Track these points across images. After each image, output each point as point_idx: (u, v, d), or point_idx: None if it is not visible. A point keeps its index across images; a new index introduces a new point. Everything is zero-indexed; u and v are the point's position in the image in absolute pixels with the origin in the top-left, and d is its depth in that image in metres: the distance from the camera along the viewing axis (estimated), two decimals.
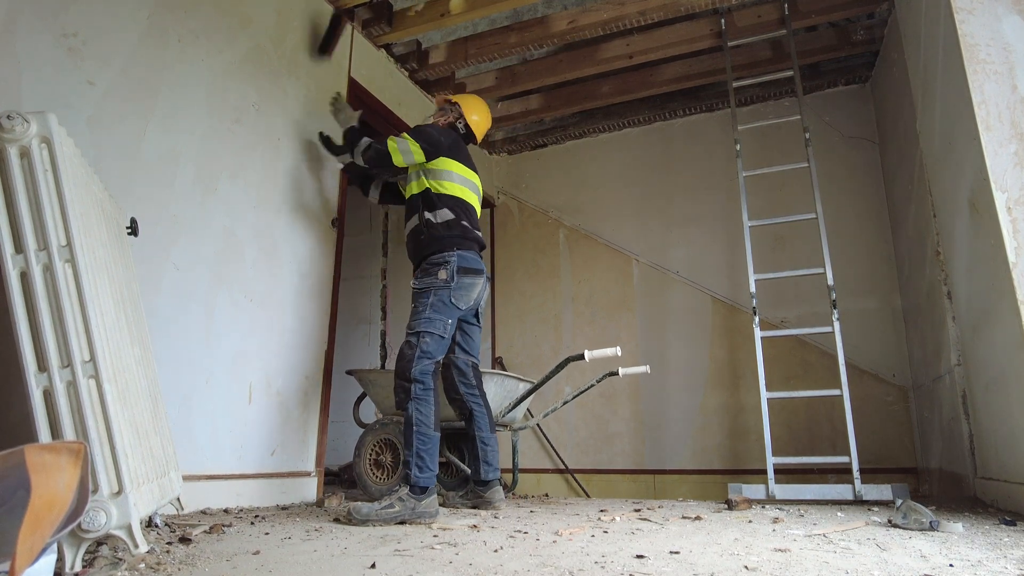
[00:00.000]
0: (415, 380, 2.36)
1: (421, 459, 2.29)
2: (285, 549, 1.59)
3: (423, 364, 2.38)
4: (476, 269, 2.59)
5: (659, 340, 4.46)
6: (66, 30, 2.12)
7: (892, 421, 3.79)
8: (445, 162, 2.65)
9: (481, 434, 2.70)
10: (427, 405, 2.35)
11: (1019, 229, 2.19)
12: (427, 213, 2.61)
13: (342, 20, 3.39)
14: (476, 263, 2.61)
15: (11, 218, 1.42)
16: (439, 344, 2.45)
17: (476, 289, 2.61)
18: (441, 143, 2.65)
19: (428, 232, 2.59)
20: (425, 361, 2.39)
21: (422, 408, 2.34)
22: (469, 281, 2.56)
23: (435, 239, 2.57)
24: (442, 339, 2.46)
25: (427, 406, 2.35)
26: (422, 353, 2.39)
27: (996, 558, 1.42)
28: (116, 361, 1.54)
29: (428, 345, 2.41)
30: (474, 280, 2.58)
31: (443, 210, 2.60)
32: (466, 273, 2.55)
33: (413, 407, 2.34)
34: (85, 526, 1.32)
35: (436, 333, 2.43)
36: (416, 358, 2.38)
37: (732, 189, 4.27)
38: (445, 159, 2.65)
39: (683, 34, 3.92)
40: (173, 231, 2.45)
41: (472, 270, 2.57)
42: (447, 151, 2.66)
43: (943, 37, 2.60)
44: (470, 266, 2.57)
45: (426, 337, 2.42)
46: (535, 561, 1.41)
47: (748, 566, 1.32)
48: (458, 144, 2.75)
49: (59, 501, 0.86)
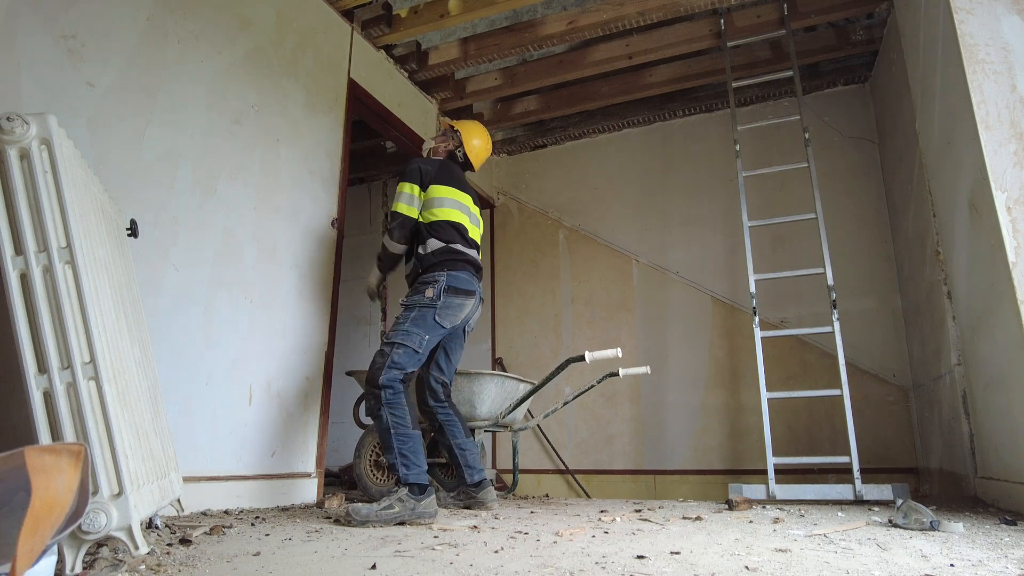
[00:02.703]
0: (384, 387, 2.34)
1: (405, 457, 2.29)
2: (285, 550, 1.59)
3: (392, 373, 2.36)
4: (466, 290, 2.58)
5: (659, 340, 4.46)
6: (66, 32, 2.12)
7: (892, 421, 3.79)
8: (434, 189, 2.66)
9: (456, 441, 2.72)
10: (400, 407, 2.35)
11: (1019, 229, 2.19)
12: (418, 248, 2.63)
13: None
14: (467, 284, 2.59)
15: (11, 220, 1.42)
16: (411, 358, 2.42)
17: (465, 310, 2.60)
18: (427, 171, 2.68)
19: (419, 264, 2.61)
20: (394, 371, 2.37)
21: (396, 411, 2.33)
22: (458, 301, 2.55)
23: (427, 266, 2.58)
24: (416, 353, 2.43)
25: (400, 408, 2.34)
26: (392, 364, 2.37)
27: (997, 558, 1.42)
28: (116, 362, 1.54)
29: (400, 357, 2.39)
30: (463, 301, 2.57)
31: (431, 240, 2.60)
32: (456, 293, 2.54)
33: (387, 412, 2.33)
34: (85, 528, 1.32)
35: (410, 347, 2.41)
36: (386, 367, 2.36)
37: (732, 189, 4.27)
38: (433, 186, 2.66)
39: (682, 34, 3.92)
40: (173, 232, 2.45)
41: (462, 291, 2.56)
42: (434, 178, 2.68)
43: (942, 37, 2.60)
44: (460, 286, 2.55)
45: (399, 349, 2.40)
46: (536, 562, 1.41)
47: (749, 566, 1.32)
48: (446, 169, 2.75)
49: (59, 503, 0.86)
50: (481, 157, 2.96)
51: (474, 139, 2.91)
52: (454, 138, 2.90)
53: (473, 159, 2.91)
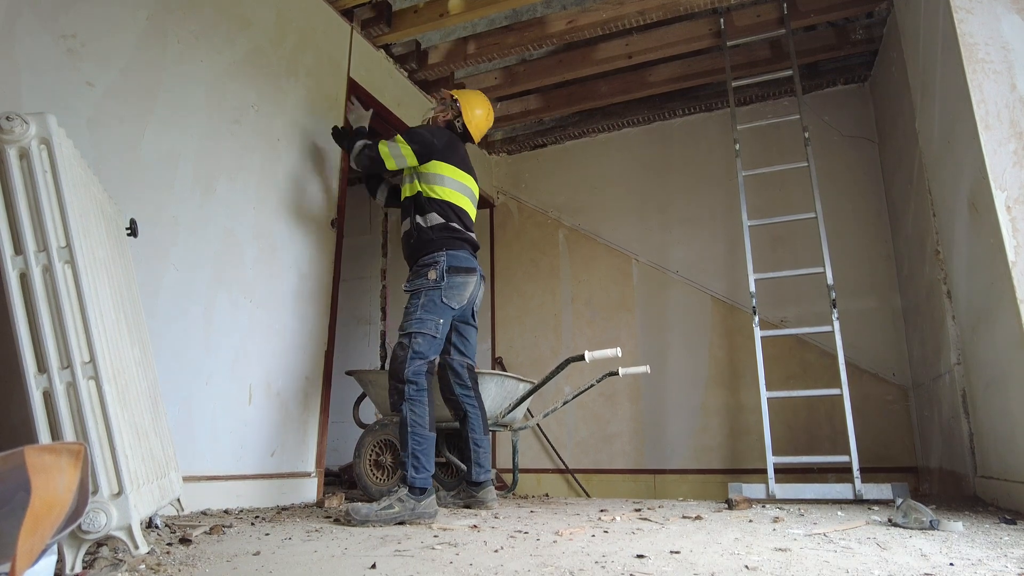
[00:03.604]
0: (408, 381, 2.35)
1: (417, 459, 2.28)
2: (285, 550, 1.59)
3: (416, 364, 2.37)
4: (467, 268, 2.57)
5: (659, 340, 4.46)
6: (65, 31, 2.12)
7: (892, 420, 3.79)
8: (437, 166, 2.62)
9: (475, 436, 2.71)
10: (421, 406, 2.35)
11: (1018, 228, 2.19)
12: (417, 217, 2.62)
13: None
14: (467, 261, 2.58)
15: (10, 219, 1.42)
16: (431, 344, 2.44)
17: (469, 288, 2.59)
18: (434, 145, 2.62)
19: (418, 236, 2.59)
20: (418, 361, 2.38)
21: (416, 409, 2.34)
22: (460, 280, 2.54)
23: (424, 242, 2.56)
24: (434, 339, 2.45)
25: (421, 407, 2.35)
26: (414, 354, 2.38)
27: (996, 557, 1.42)
28: (116, 362, 1.54)
29: (420, 345, 2.40)
30: (466, 279, 2.56)
31: (432, 214, 2.59)
32: (457, 272, 2.53)
33: (407, 408, 2.33)
34: (85, 527, 1.31)
35: (428, 333, 2.42)
36: (409, 359, 2.37)
37: (731, 189, 4.27)
38: (437, 163, 2.62)
39: (682, 34, 3.92)
40: (172, 232, 2.45)
41: (463, 268, 2.55)
42: (440, 153, 2.63)
43: (942, 36, 2.60)
44: (461, 264, 2.55)
45: (417, 337, 2.41)
46: (535, 561, 1.41)
47: (748, 566, 1.32)
48: (452, 145, 2.69)
49: (59, 502, 0.86)
50: (482, 128, 2.85)
51: (476, 108, 2.79)
52: (453, 107, 2.79)
53: (473, 130, 2.80)
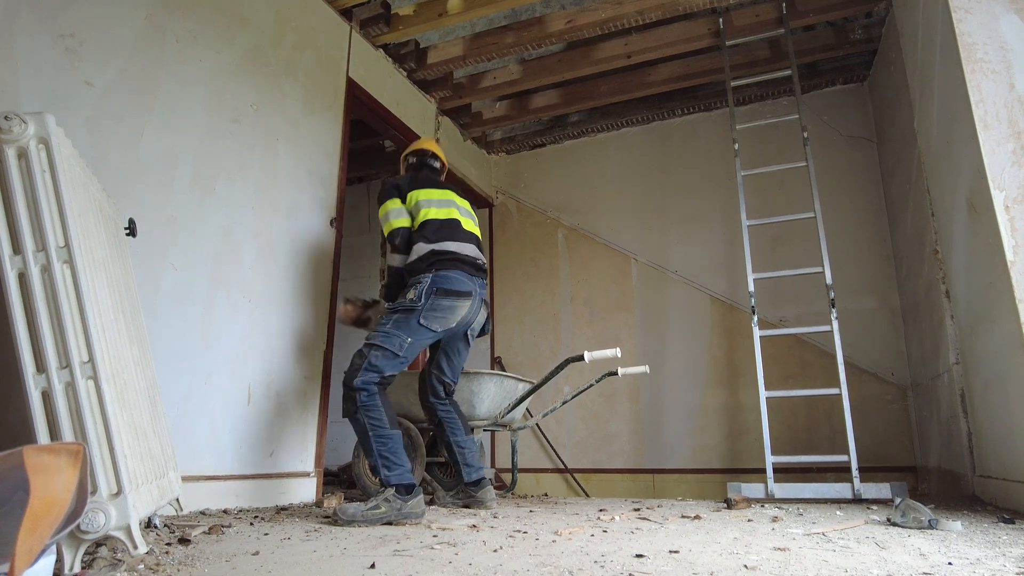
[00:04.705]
0: (358, 389, 2.28)
1: (386, 459, 2.25)
2: (284, 550, 1.59)
3: (367, 376, 2.30)
4: (458, 291, 2.46)
5: (658, 340, 4.46)
6: (64, 30, 2.12)
7: (891, 420, 3.79)
8: (413, 196, 2.64)
9: (456, 438, 2.71)
10: (376, 409, 2.29)
11: (1017, 228, 2.19)
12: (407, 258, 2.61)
13: None
14: (460, 284, 2.47)
15: (9, 219, 1.41)
16: (389, 361, 2.34)
17: (459, 312, 2.48)
18: (397, 185, 2.67)
19: (407, 269, 2.56)
20: (371, 374, 2.30)
21: (372, 413, 2.28)
22: (448, 303, 2.44)
23: (413, 272, 2.52)
24: (395, 356, 2.34)
25: (376, 410, 2.29)
26: (369, 366, 2.30)
27: (995, 556, 1.42)
28: (114, 362, 1.54)
29: (377, 359, 2.32)
30: (455, 303, 2.46)
31: (418, 244, 2.54)
32: (445, 295, 2.43)
33: (363, 415, 2.28)
34: (84, 527, 1.31)
35: (389, 349, 2.34)
36: (363, 369, 2.30)
37: (730, 188, 4.27)
38: (411, 193, 2.64)
39: (681, 34, 3.92)
40: (171, 232, 2.45)
41: (453, 291, 2.45)
42: (409, 186, 2.66)
43: (941, 36, 2.60)
44: (450, 287, 2.44)
45: (377, 351, 2.33)
46: (535, 561, 1.41)
47: (748, 565, 1.32)
48: (417, 176, 2.75)
49: (58, 502, 0.86)
50: (424, 145, 2.92)
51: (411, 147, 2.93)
52: (404, 161, 2.92)
53: (416, 147, 2.90)
